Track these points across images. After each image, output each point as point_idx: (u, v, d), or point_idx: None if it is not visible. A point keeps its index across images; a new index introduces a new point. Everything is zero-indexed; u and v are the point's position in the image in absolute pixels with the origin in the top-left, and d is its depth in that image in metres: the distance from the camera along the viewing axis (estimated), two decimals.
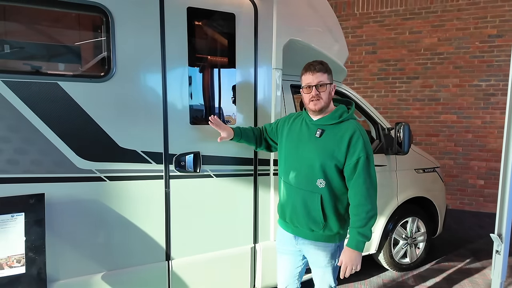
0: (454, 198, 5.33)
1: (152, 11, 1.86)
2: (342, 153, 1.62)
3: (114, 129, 1.82)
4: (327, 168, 1.64)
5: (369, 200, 1.60)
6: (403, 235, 3.15)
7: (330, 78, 1.69)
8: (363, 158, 1.59)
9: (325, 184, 1.65)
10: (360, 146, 1.60)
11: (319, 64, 1.67)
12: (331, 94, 1.71)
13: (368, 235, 1.61)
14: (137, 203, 1.92)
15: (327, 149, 1.64)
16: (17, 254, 1.58)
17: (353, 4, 5.61)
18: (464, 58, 5.12)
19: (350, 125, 1.65)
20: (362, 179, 1.59)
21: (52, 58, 1.86)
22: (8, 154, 1.63)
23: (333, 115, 1.69)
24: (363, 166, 1.59)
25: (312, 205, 1.68)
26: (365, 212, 1.59)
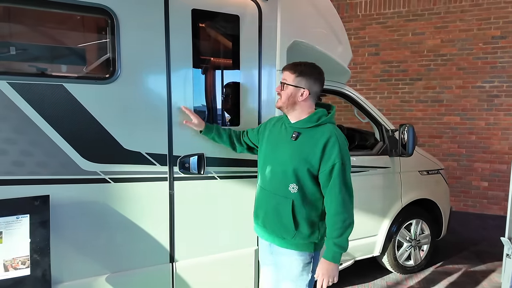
0: (458, 200, 5.31)
1: (157, 13, 1.86)
2: (316, 158, 1.54)
3: (119, 131, 1.82)
4: (299, 172, 1.57)
5: (345, 209, 1.53)
6: (407, 237, 3.14)
7: (301, 82, 1.59)
8: (338, 165, 1.51)
9: (297, 189, 1.58)
10: (336, 152, 1.52)
11: (292, 64, 1.63)
12: (295, 98, 1.60)
13: (344, 246, 1.55)
14: (141, 205, 1.92)
15: (301, 153, 1.57)
16: (22, 256, 1.58)
17: (356, 5, 5.61)
18: (468, 60, 5.11)
19: (327, 129, 1.58)
20: (337, 187, 1.52)
21: (58, 60, 1.86)
22: (13, 156, 1.63)
23: (311, 118, 1.61)
24: (338, 173, 1.51)
25: (284, 211, 1.61)
26: (341, 221, 1.52)
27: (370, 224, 2.91)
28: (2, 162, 1.61)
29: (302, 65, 1.62)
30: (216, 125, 2.00)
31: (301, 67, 1.61)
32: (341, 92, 2.85)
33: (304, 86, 1.60)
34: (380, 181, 2.94)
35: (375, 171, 2.88)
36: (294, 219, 1.60)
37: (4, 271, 1.55)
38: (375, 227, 2.94)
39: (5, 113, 1.60)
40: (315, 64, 1.66)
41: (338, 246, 1.54)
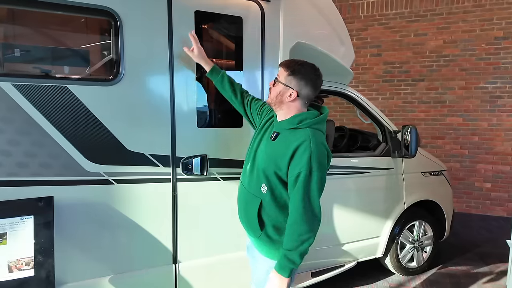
0: (461, 201, 5.29)
1: (160, 14, 1.86)
2: (285, 162, 1.44)
3: (122, 132, 1.83)
4: (269, 174, 1.50)
5: (304, 222, 1.40)
6: (410, 239, 3.13)
7: (291, 81, 1.49)
8: (304, 174, 1.39)
9: (267, 190, 1.51)
10: (304, 160, 1.39)
11: (290, 61, 1.54)
12: (283, 96, 1.51)
13: (295, 261, 1.41)
14: (144, 206, 1.93)
15: (273, 154, 1.50)
16: (26, 257, 1.59)
17: (358, 6, 5.61)
18: (470, 61, 5.09)
19: (303, 134, 1.45)
20: (300, 196, 1.40)
21: (61, 61, 1.87)
22: (17, 157, 1.64)
23: (292, 120, 1.50)
24: (303, 182, 1.39)
25: (251, 209, 1.55)
26: (297, 234, 1.41)
27: (373, 226, 2.91)
28: (7, 163, 1.62)
29: (298, 64, 1.51)
30: (224, 72, 1.88)
31: (296, 66, 1.50)
32: (343, 93, 2.85)
33: (294, 87, 1.49)
34: (383, 182, 2.93)
35: (378, 172, 2.88)
36: (260, 219, 1.53)
37: (8, 272, 1.55)
38: (377, 228, 2.94)
39: (9, 114, 1.61)
40: (315, 66, 1.55)
41: (288, 259, 1.42)
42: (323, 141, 1.48)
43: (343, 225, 2.75)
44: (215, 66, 1.88)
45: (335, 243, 2.75)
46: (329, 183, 2.64)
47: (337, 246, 2.76)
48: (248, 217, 1.59)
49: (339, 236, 2.74)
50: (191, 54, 1.87)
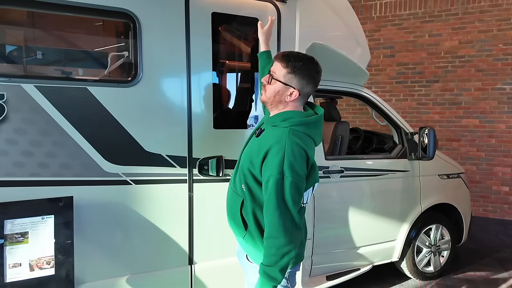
0: (477, 205, 5.16)
1: (178, 16, 1.88)
2: (258, 163, 1.31)
3: (140, 133, 1.84)
4: (245, 171, 1.38)
5: (282, 233, 1.24)
6: (426, 243, 3.06)
7: (292, 80, 1.34)
8: (274, 179, 1.24)
9: (245, 189, 1.39)
10: (275, 163, 1.24)
11: (286, 56, 1.35)
12: (282, 96, 1.36)
13: (276, 277, 1.25)
14: (161, 207, 1.93)
15: (250, 152, 1.39)
16: (47, 256, 1.61)
17: (371, 7, 5.56)
18: (487, 61, 4.98)
19: (278, 134, 1.31)
20: (273, 205, 1.24)
21: (82, 63, 1.90)
22: (39, 158, 1.67)
23: (277, 117, 1.38)
24: (274, 188, 1.24)
25: (234, 208, 1.45)
26: (275, 248, 1.25)
27: (389, 229, 2.86)
28: (29, 163, 1.65)
29: (298, 60, 1.34)
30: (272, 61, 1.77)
31: (296, 63, 1.33)
32: (359, 94, 2.82)
33: (295, 86, 1.34)
34: (399, 185, 2.88)
35: (394, 174, 2.83)
36: (242, 217, 1.42)
37: (30, 270, 1.58)
38: (393, 231, 2.89)
39: (32, 115, 1.64)
40: (313, 59, 1.40)
41: (268, 276, 1.26)
42: (303, 143, 1.30)
43: (359, 228, 2.71)
44: (269, 52, 1.80)
45: (350, 246, 2.71)
46: (344, 185, 2.68)
47: (352, 249, 2.72)
48: (232, 216, 1.49)
49: (355, 239, 2.71)
50: (260, 28, 1.80)
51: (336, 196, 2.67)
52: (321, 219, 2.52)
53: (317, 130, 1.42)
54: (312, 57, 1.41)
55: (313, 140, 1.39)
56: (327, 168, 2.54)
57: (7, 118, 1.59)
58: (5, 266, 1.53)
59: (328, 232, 2.59)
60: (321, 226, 2.52)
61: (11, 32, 1.78)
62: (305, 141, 1.34)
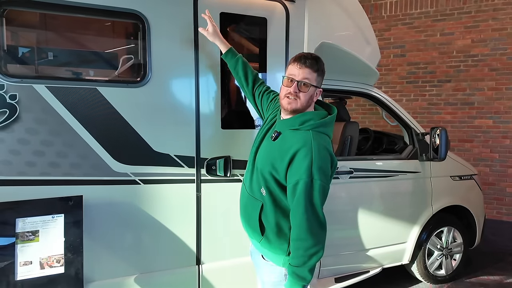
0: (491, 208, 5.04)
1: (187, 17, 1.88)
2: (283, 167, 1.34)
3: (149, 133, 1.85)
4: (266, 176, 1.39)
5: (310, 235, 1.30)
6: (438, 246, 3.00)
7: (319, 81, 1.41)
8: (303, 182, 1.27)
9: (266, 193, 1.41)
10: (304, 167, 1.28)
11: (313, 60, 1.38)
12: (313, 99, 1.42)
13: (306, 277, 1.32)
14: (169, 207, 1.94)
15: (271, 155, 1.40)
16: (57, 254, 1.63)
17: (381, 6, 5.49)
18: (501, 60, 4.87)
19: (303, 137, 1.33)
20: (302, 208, 1.29)
21: (91, 64, 1.92)
22: (50, 157, 1.69)
23: (295, 120, 1.39)
24: (303, 192, 1.28)
25: (252, 213, 1.46)
26: (303, 249, 1.30)
27: (399, 231, 2.81)
28: (40, 163, 1.67)
29: (321, 61, 1.42)
30: (241, 56, 1.79)
31: (322, 65, 1.41)
32: (369, 94, 2.78)
33: (320, 85, 1.42)
34: (410, 186, 2.84)
35: (405, 175, 2.78)
36: (261, 223, 1.44)
37: (40, 268, 1.60)
38: (404, 234, 2.84)
39: (43, 116, 1.66)
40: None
41: (297, 276, 1.33)
42: (327, 146, 1.35)
43: (368, 230, 2.67)
44: (231, 49, 1.79)
45: (360, 248, 2.67)
46: (353, 186, 2.64)
47: (361, 252, 2.68)
48: (249, 221, 1.50)
49: (364, 241, 2.67)
50: (206, 33, 1.80)
51: (345, 197, 2.63)
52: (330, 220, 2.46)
53: (332, 128, 1.47)
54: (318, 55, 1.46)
55: (329, 137, 1.45)
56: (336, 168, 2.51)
57: (19, 118, 1.62)
58: (16, 264, 1.55)
59: (337, 234, 2.56)
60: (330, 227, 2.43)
61: (23, 34, 1.81)
62: (328, 142, 1.39)
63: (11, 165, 1.63)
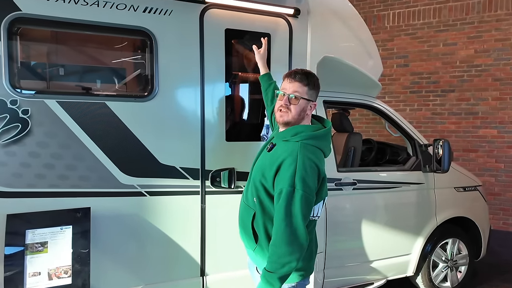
0: (497, 218, 4.99)
1: (193, 34, 1.94)
2: (270, 176, 1.38)
3: (155, 146, 1.89)
4: (257, 185, 1.44)
5: (284, 244, 1.30)
6: (443, 257, 2.98)
7: (312, 95, 1.45)
8: (286, 191, 1.30)
9: (257, 202, 1.44)
10: (288, 176, 1.31)
11: (303, 74, 1.45)
12: (305, 112, 1.45)
13: (274, 284, 1.30)
14: (174, 219, 1.97)
15: (263, 165, 1.44)
16: (65, 265, 1.66)
17: (384, 17, 5.55)
18: (505, 70, 4.87)
19: (291, 148, 1.37)
20: (280, 216, 1.31)
21: (100, 79, 1.98)
22: (59, 170, 1.74)
23: (288, 132, 1.44)
24: (284, 200, 1.30)
25: (246, 220, 1.50)
26: (277, 256, 1.31)
27: (403, 242, 2.80)
28: (50, 175, 1.72)
29: (312, 76, 1.47)
30: (275, 82, 1.94)
31: (313, 79, 1.47)
32: (371, 105, 2.81)
33: (314, 99, 1.47)
34: (413, 197, 2.83)
35: (408, 187, 2.79)
36: (254, 231, 1.48)
37: (48, 279, 1.63)
38: (408, 245, 2.83)
39: (53, 129, 1.71)
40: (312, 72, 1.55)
41: (267, 281, 1.31)
42: (314, 158, 1.37)
43: (372, 241, 2.67)
44: (269, 73, 1.98)
45: (364, 260, 2.67)
46: (356, 198, 2.65)
47: (365, 263, 2.68)
48: (243, 229, 1.54)
49: (368, 252, 2.67)
50: (257, 52, 1.96)
51: (348, 209, 2.64)
52: (334, 232, 2.50)
53: (326, 143, 1.49)
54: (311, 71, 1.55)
55: (323, 152, 1.46)
56: (339, 180, 2.53)
57: (31, 132, 1.67)
58: (25, 274, 1.59)
59: (341, 245, 2.56)
60: (334, 239, 2.50)
61: (36, 51, 1.88)
62: (316, 155, 1.41)
63: (21, 177, 1.68)
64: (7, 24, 1.61)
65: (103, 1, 1.75)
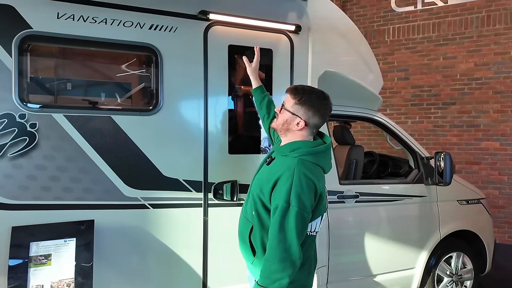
0: (502, 232, 4.93)
1: (197, 50, 1.99)
2: (268, 190, 1.39)
3: (159, 159, 1.92)
4: (256, 198, 1.46)
5: (276, 260, 1.29)
6: (447, 272, 2.95)
7: (297, 110, 1.43)
8: (281, 207, 1.30)
9: (255, 215, 1.46)
10: (284, 192, 1.32)
11: (294, 89, 1.49)
12: (289, 124, 1.45)
13: None
14: (177, 231, 1.98)
15: (261, 179, 1.47)
16: (68, 278, 1.67)
17: (384, 32, 5.65)
18: (505, 83, 4.92)
19: (289, 163, 1.39)
20: (274, 232, 1.31)
21: (106, 94, 2.03)
22: (64, 182, 1.76)
23: (286, 147, 1.46)
24: (279, 216, 1.31)
25: (244, 233, 1.52)
26: (268, 271, 1.31)
27: (407, 256, 2.78)
28: (55, 188, 1.74)
29: (305, 93, 1.46)
30: (268, 94, 1.93)
31: (303, 95, 1.45)
32: (373, 119, 2.84)
33: (302, 116, 1.44)
34: (416, 210, 2.83)
35: (411, 200, 2.79)
36: (251, 244, 1.49)
37: None
38: (412, 259, 2.80)
39: (60, 143, 1.75)
40: (324, 93, 1.50)
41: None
42: (311, 174, 1.36)
43: (375, 255, 2.65)
44: (262, 86, 1.96)
45: (367, 274, 2.64)
46: (359, 211, 2.65)
47: (369, 277, 2.65)
48: (242, 242, 1.56)
49: (371, 266, 2.64)
50: (248, 66, 1.93)
51: (351, 222, 2.64)
52: (336, 246, 2.49)
53: (325, 159, 1.49)
54: (322, 92, 1.51)
55: (322, 168, 1.47)
56: (342, 193, 2.54)
57: (38, 145, 1.71)
58: (28, 287, 1.59)
59: (344, 259, 2.55)
60: (336, 252, 2.49)
61: (45, 66, 1.93)
62: (314, 172, 1.40)
63: (27, 190, 1.71)
64: (18, 41, 1.67)
65: (111, 19, 1.82)
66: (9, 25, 1.66)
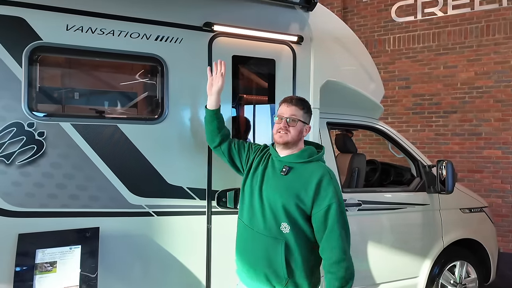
0: (506, 241, 4.90)
1: (202, 60, 2.04)
2: (309, 197, 1.44)
3: (164, 167, 1.95)
4: (290, 209, 1.45)
5: (347, 256, 1.41)
6: (451, 281, 2.93)
7: (306, 118, 1.60)
8: (335, 206, 1.41)
9: (289, 229, 1.44)
10: (331, 192, 1.43)
11: (299, 100, 1.61)
12: (302, 134, 1.59)
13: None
14: (181, 239, 1.99)
15: (291, 188, 1.48)
16: (72, 286, 1.67)
17: (384, 41, 5.72)
18: (506, 92, 4.95)
19: (319, 167, 1.52)
20: (337, 231, 1.40)
21: (113, 103, 2.07)
22: (71, 190, 1.79)
23: (302, 154, 1.57)
24: (335, 215, 1.41)
25: (274, 255, 1.45)
26: (344, 269, 1.38)
27: (410, 265, 2.77)
28: (61, 195, 1.77)
29: (306, 102, 1.65)
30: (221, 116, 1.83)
31: (307, 104, 1.64)
32: (374, 127, 2.87)
33: (308, 122, 1.64)
34: (419, 218, 2.83)
35: (413, 208, 2.79)
36: (288, 264, 1.44)
37: None
38: (415, 268, 2.79)
39: (67, 151, 1.78)
40: None
41: None
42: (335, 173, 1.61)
43: (378, 264, 2.65)
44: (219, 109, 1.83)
45: (371, 283, 2.63)
46: (362, 219, 2.65)
47: (372, 286, 2.64)
48: (271, 265, 1.46)
49: (374, 275, 2.63)
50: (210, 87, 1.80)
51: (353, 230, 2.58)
52: None
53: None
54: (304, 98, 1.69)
55: None
56: (344, 201, 2.54)
57: (45, 154, 1.74)
58: None
59: None
60: None
61: (53, 76, 1.98)
62: None
63: (34, 197, 1.73)
64: (28, 52, 1.72)
65: (118, 30, 1.86)
66: (20, 37, 1.70)
